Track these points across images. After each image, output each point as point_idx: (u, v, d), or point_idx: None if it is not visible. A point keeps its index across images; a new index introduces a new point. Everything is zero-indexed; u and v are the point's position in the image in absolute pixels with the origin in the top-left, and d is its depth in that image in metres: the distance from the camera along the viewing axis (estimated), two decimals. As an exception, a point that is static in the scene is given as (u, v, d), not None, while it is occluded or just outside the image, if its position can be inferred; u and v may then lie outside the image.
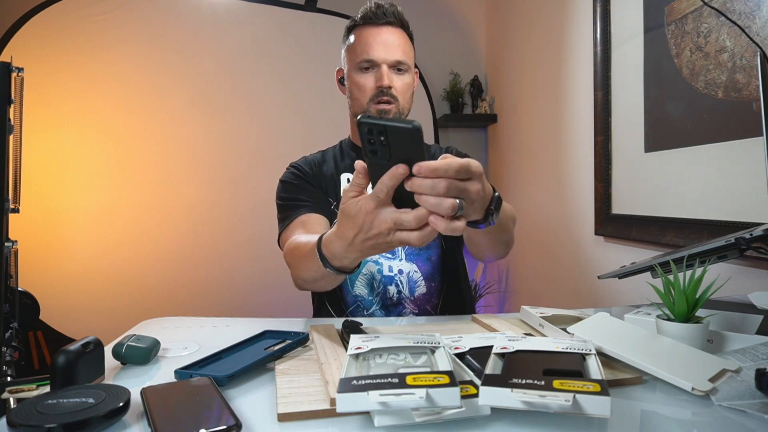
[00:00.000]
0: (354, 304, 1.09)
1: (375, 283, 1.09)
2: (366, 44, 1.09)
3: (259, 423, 0.49)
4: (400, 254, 1.11)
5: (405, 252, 1.11)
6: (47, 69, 2.22)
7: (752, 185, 1.09)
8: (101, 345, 0.62)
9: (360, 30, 1.11)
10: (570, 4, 1.89)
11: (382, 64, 1.08)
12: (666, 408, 0.52)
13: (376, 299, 1.09)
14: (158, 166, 2.40)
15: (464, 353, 0.60)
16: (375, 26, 1.10)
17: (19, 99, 1.23)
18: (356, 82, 1.10)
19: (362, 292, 1.09)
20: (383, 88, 1.07)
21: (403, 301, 1.09)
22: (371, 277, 1.09)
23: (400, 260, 1.11)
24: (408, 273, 1.10)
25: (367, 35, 1.10)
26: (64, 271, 2.27)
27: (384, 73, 1.08)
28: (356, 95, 1.11)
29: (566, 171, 1.96)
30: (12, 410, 0.47)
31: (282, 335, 0.73)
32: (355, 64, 1.10)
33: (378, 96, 1.08)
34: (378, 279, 1.09)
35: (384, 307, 1.09)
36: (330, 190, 1.14)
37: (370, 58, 1.08)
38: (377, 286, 1.09)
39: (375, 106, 1.09)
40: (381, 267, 1.09)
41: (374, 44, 1.08)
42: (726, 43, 1.17)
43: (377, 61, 1.08)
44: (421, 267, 1.12)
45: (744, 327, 0.73)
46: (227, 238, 2.45)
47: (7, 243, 1.20)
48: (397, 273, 1.10)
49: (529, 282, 2.35)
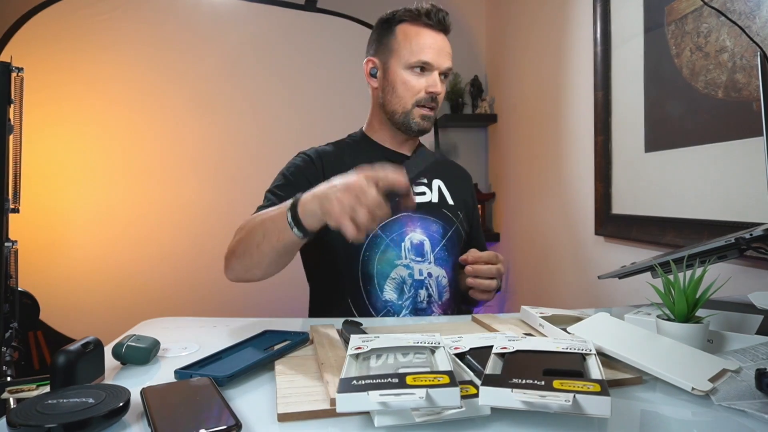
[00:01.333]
0: (384, 309, 1.06)
1: (405, 287, 1.07)
2: (425, 45, 1.08)
3: (259, 423, 0.49)
4: (429, 257, 1.10)
5: (434, 256, 1.10)
6: (47, 69, 2.22)
7: (752, 185, 1.09)
8: (101, 345, 0.62)
9: (414, 28, 1.10)
10: (570, 4, 1.89)
11: (436, 70, 1.09)
12: (666, 408, 0.52)
13: (407, 303, 1.07)
14: (158, 166, 2.40)
15: (464, 353, 0.60)
16: (432, 30, 1.10)
17: (19, 99, 1.23)
18: (406, 81, 1.09)
19: (392, 297, 1.07)
20: (434, 95, 1.09)
21: (432, 305, 1.08)
22: (401, 281, 1.07)
23: (429, 263, 1.10)
24: (437, 277, 1.10)
25: (425, 36, 1.09)
26: (64, 271, 2.27)
27: (437, 80, 1.09)
28: (402, 93, 1.10)
29: (566, 171, 1.95)
30: (12, 410, 0.47)
31: (282, 335, 0.73)
32: (406, 62, 1.09)
33: (426, 101, 1.10)
34: (409, 283, 1.07)
35: (414, 311, 1.07)
36: None
37: (428, 60, 1.08)
38: (408, 290, 1.07)
39: (419, 110, 1.10)
40: (412, 271, 1.07)
41: (433, 48, 1.09)
42: (726, 43, 1.17)
43: (433, 65, 1.09)
44: (448, 273, 1.12)
45: (744, 327, 0.73)
46: (227, 238, 2.42)
47: (7, 243, 1.20)
48: (426, 276, 1.09)
49: (529, 282, 2.35)
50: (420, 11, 1.10)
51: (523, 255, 2.39)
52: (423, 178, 1.15)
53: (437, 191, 1.17)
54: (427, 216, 1.12)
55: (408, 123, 1.12)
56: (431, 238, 1.11)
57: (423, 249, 1.10)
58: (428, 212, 1.13)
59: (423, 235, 1.10)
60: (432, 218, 1.12)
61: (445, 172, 1.22)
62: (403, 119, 1.12)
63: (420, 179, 1.13)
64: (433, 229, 1.12)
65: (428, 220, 1.12)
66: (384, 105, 1.14)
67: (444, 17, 1.11)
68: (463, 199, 1.21)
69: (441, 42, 1.10)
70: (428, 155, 1.07)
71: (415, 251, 1.09)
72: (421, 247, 1.10)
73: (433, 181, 1.19)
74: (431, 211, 1.13)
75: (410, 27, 1.10)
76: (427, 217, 1.12)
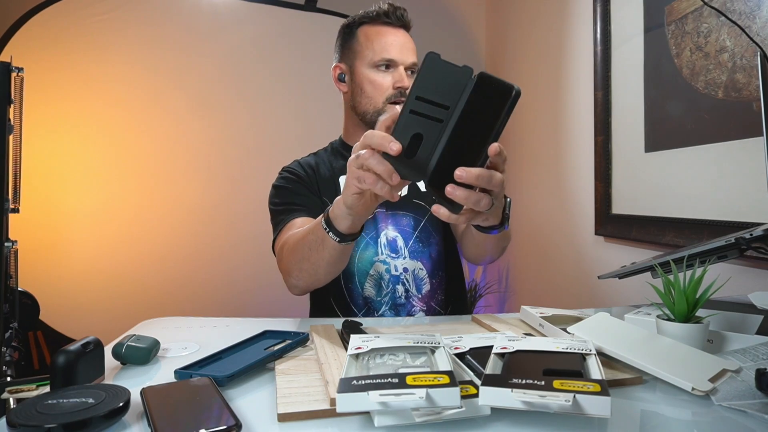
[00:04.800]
0: (364, 307, 1.09)
1: (383, 283, 1.09)
2: (386, 43, 1.10)
3: (259, 423, 0.49)
4: (403, 252, 1.11)
5: (408, 250, 1.11)
6: (47, 69, 2.22)
7: (752, 185, 1.09)
8: (101, 345, 0.62)
9: (374, 28, 1.12)
10: (570, 4, 1.89)
11: (401, 65, 1.10)
12: (666, 408, 0.52)
13: (386, 299, 1.09)
14: (158, 166, 2.40)
15: (464, 353, 0.60)
16: (392, 27, 1.12)
17: (19, 99, 1.23)
18: (373, 80, 1.10)
19: (371, 294, 1.09)
20: (403, 89, 1.09)
21: (411, 299, 1.10)
22: (379, 278, 1.09)
23: (404, 258, 1.11)
24: (413, 271, 1.11)
25: (385, 34, 1.11)
26: (64, 271, 2.27)
27: (403, 75, 1.10)
28: (371, 93, 1.11)
29: (566, 171, 1.95)
30: (12, 410, 0.47)
31: (282, 335, 0.73)
32: (370, 62, 1.10)
33: (396, 97, 1.10)
34: (386, 279, 1.09)
35: (393, 307, 1.09)
36: (328, 194, 1.14)
37: (391, 57, 1.09)
38: (385, 285, 1.09)
39: (391, 107, 1.10)
40: (389, 267, 1.10)
41: (395, 45, 1.10)
42: (726, 43, 1.17)
43: (397, 61, 1.10)
44: (425, 264, 1.12)
45: (744, 327, 0.73)
46: (227, 238, 2.45)
47: (7, 243, 1.20)
48: (402, 272, 1.10)
49: (529, 282, 2.35)
50: (379, 12, 1.12)
51: (523, 255, 2.39)
52: None
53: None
54: (396, 211, 1.13)
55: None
56: (403, 233, 1.12)
57: (397, 245, 1.11)
58: (398, 207, 1.13)
59: (395, 231, 1.12)
60: (402, 212, 1.13)
61: None
62: (375, 118, 1.12)
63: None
64: (403, 223, 1.12)
65: (398, 215, 1.13)
66: (355, 107, 1.14)
67: (402, 14, 1.12)
68: None
69: (402, 38, 1.12)
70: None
71: (390, 247, 1.11)
72: (394, 243, 1.11)
73: None
74: (400, 205, 1.14)
75: (371, 28, 1.12)
76: (396, 212, 1.13)
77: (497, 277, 2.69)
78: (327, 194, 1.13)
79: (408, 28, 1.14)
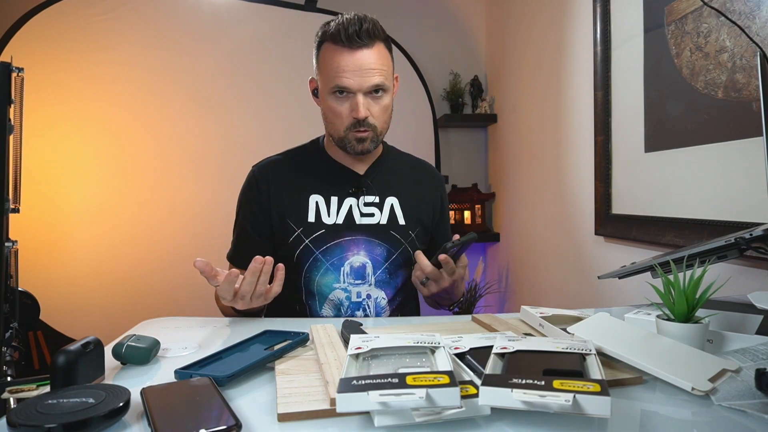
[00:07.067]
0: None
1: (342, 308, 1.09)
2: (339, 69, 0.99)
3: (259, 423, 0.49)
4: (370, 279, 1.10)
5: (375, 278, 1.11)
6: (47, 69, 2.22)
7: (752, 185, 1.09)
8: (101, 345, 0.62)
9: (330, 50, 1.01)
10: (570, 4, 1.89)
11: (358, 93, 1.00)
12: (666, 408, 0.52)
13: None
14: (158, 166, 2.40)
15: (464, 353, 0.60)
16: (348, 48, 0.99)
17: (19, 99, 1.23)
18: (331, 108, 1.04)
19: (329, 314, 1.09)
20: (359, 119, 1.02)
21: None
22: (339, 303, 1.09)
23: (369, 285, 1.10)
24: (376, 298, 1.11)
25: (339, 59, 0.99)
26: (64, 271, 2.27)
27: (360, 104, 1.00)
28: (332, 120, 1.06)
29: (566, 171, 1.96)
30: (12, 410, 0.47)
31: (282, 335, 0.73)
32: (327, 88, 1.03)
33: (355, 126, 1.03)
34: (346, 305, 1.09)
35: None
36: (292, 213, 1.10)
37: (343, 85, 1.00)
38: (344, 311, 1.09)
39: (353, 133, 1.04)
40: (350, 294, 1.09)
41: (348, 71, 0.99)
42: (726, 43, 1.17)
43: (352, 89, 1.00)
44: (388, 293, 1.13)
45: (744, 327, 0.73)
46: (227, 238, 2.43)
47: (7, 243, 1.20)
48: (365, 298, 1.10)
49: (529, 282, 2.35)
50: (332, 29, 1.00)
51: (523, 255, 2.39)
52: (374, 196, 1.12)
53: (388, 211, 1.13)
54: (372, 238, 1.10)
55: (345, 148, 1.07)
56: (373, 261, 1.10)
57: (364, 272, 1.10)
58: (374, 235, 1.11)
59: (366, 258, 1.10)
60: (377, 241, 1.11)
61: (404, 186, 1.17)
62: (340, 144, 1.08)
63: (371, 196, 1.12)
64: (377, 252, 1.11)
65: (373, 243, 1.10)
66: (326, 128, 1.12)
67: (355, 32, 0.98)
68: (418, 218, 1.16)
69: (359, 60, 0.99)
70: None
71: (355, 275, 1.09)
72: (362, 270, 1.10)
73: (387, 198, 1.13)
74: (377, 233, 1.11)
75: (329, 47, 1.02)
76: (372, 240, 1.10)
77: (497, 277, 2.69)
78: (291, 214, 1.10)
79: (369, 45, 1.00)
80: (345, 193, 1.12)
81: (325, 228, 1.09)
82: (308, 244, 1.08)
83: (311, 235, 1.08)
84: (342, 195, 1.11)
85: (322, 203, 1.10)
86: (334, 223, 1.09)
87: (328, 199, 1.11)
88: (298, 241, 1.08)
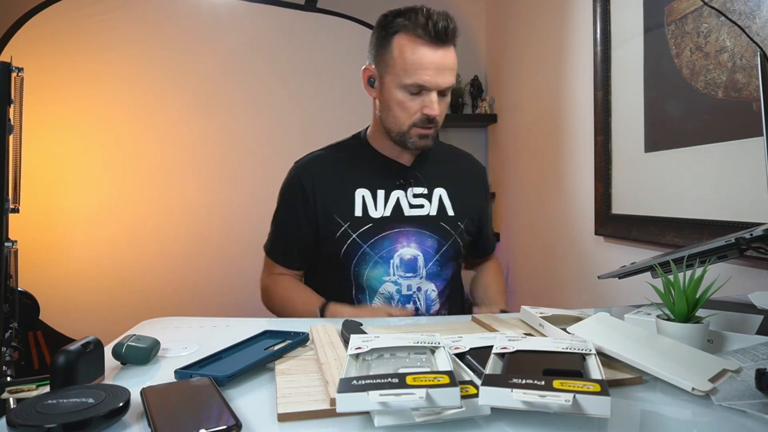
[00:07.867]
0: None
1: (393, 301, 1.08)
2: (421, 66, 0.98)
3: (259, 423, 0.49)
4: (421, 272, 1.09)
5: (426, 271, 1.10)
6: (47, 69, 2.22)
7: (752, 185, 1.09)
8: (101, 345, 0.62)
9: (411, 43, 0.99)
10: (570, 4, 1.89)
11: (434, 90, 1.01)
12: (666, 408, 0.52)
13: None
14: (158, 166, 2.40)
15: (464, 353, 0.60)
16: (431, 44, 0.98)
17: (19, 99, 1.23)
18: (400, 102, 1.02)
19: None
20: (430, 117, 1.02)
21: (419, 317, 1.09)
22: (389, 296, 1.08)
23: (420, 278, 1.09)
24: (426, 291, 1.10)
25: (422, 53, 0.98)
26: (64, 271, 2.27)
27: (434, 102, 1.01)
28: (397, 113, 1.04)
29: (566, 171, 1.95)
30: (12, 410, 0.47)
31: (282, 335, 0.73)
32: (400, 82, 1.00)
33: (423, 123, 1.03)
34: (396, 298, 1.08)
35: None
36: (338, 209, 1.09)
37: (423, 83, 0.99)
38: (395, 304, 1.08)
39: (416, 129, 1.04)
40: (400, 287, 1.08)
41: (431, 68, 0.98)
42: (726, 43, 1.17)
43: (430, 87, 1.00)
44: (438, 286, 1.12)
45: (744, 327, 0.73)
46: (227, 237, 2.45)
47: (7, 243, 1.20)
48: (416, 291, 1.09)
49: (529, 282, 2.35)
50: (417, 21, 0.98)
51: (523, 255, 2.39)
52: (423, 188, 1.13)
53: (437, 202, 1.13)
54: (422, 230, 1.10)
55: (405, 143, 1.07)
56: (425, 253, 1.10)
57: (416, 264, 1.09)
58: (425, 226, 1.11)
59: (417, 250, 1.09)
60: (428, 233, 1.11)
61: (452, 177, 1.17)
62: (399, 138, 1.07)
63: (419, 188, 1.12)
64: (428, 244, 1.10)
65: (424, 235, 1.10)
66: (381, 120, 1.09)
67: (444, 28, 0.98)
68: (467, 207, 1.17)
69: (441, 58, 0.99)
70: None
71: (405, 267, 1.09)
72: (413, 262, 1.09)
73: (435, 189, 1.14)
74: (428, 225, 1.11)
75: (407, 41, 0.99)
76: (423, 232, 1.10)
77: (497, 277, 2.69)
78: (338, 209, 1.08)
79: (450, 44, 1.01)
80: (392, 185, 1.11)
81: (372, 222, 1.08)
82: (356, 239, 1.07)
83: (358, 229, 1.08)
84: (389, 188, 1.11)
85: (368, 196, 1.10)
86: (382, 216, 1.09)
87: (374, 193, 1.10)
88: (345, 236, 1.08)
